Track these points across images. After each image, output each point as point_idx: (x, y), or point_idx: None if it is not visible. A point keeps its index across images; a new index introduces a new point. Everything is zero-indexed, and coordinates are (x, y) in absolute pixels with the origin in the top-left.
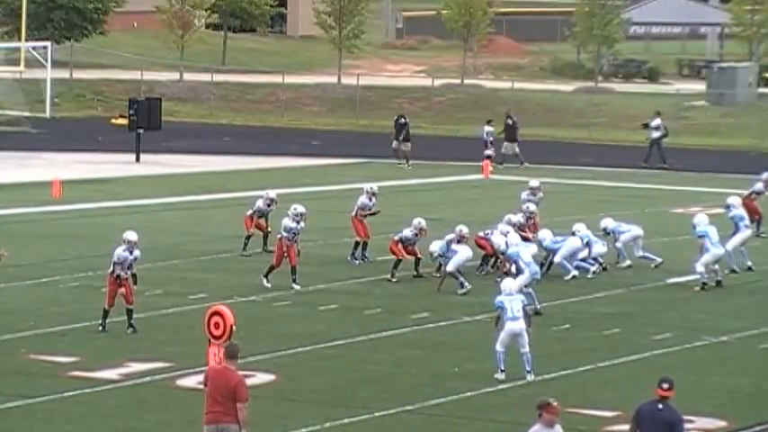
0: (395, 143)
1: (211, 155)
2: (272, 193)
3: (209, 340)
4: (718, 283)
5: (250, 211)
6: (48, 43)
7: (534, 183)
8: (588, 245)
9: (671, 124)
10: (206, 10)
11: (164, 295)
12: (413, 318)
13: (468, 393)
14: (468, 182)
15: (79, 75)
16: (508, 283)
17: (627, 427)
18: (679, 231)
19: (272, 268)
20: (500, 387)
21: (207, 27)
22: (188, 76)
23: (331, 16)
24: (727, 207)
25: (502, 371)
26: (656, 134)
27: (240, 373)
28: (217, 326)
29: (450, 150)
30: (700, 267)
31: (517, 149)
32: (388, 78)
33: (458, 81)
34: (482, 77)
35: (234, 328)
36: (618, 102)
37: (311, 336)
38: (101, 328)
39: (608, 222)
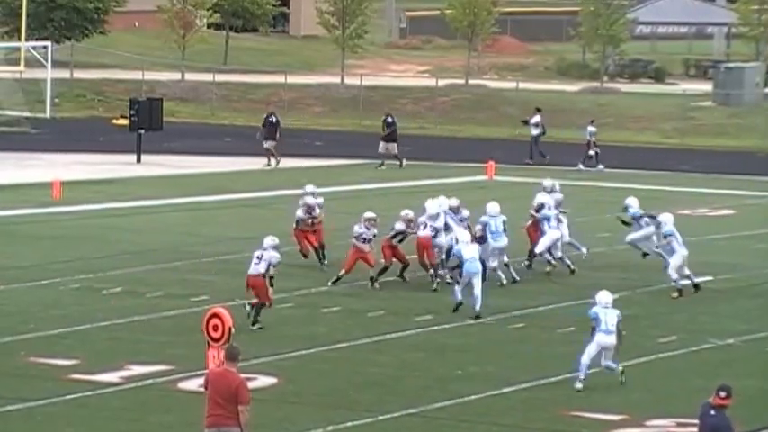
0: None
1: (213, 156)
2: (310, 200)
3: (208, 343)
4: (696, 286)
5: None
6: (48, 43)
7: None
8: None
9: (678, 125)
10: (208, 9)
11: (165, 297)
12: (416, 320)
13: (472, 396)
14: (473, 183)
15: (80, 75)
16: (604, 296)
17: (632, 430)
18: (686, 233)
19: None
20: (504, 390)
21: (209, 27)
22: (189, 77)
23: (334, 16)
24: (625, 208)
25: (581, 380)
26: (535, 131)
27: (241, 375)
28: (215, 328)
29: (454, 151)
30: (673, 273)
31: (394, 150)
32: (391, 78)
33: (462, 81)
34: (486, 78)
35: (233, 330)
36: (624, 102)
37: (314, 338)
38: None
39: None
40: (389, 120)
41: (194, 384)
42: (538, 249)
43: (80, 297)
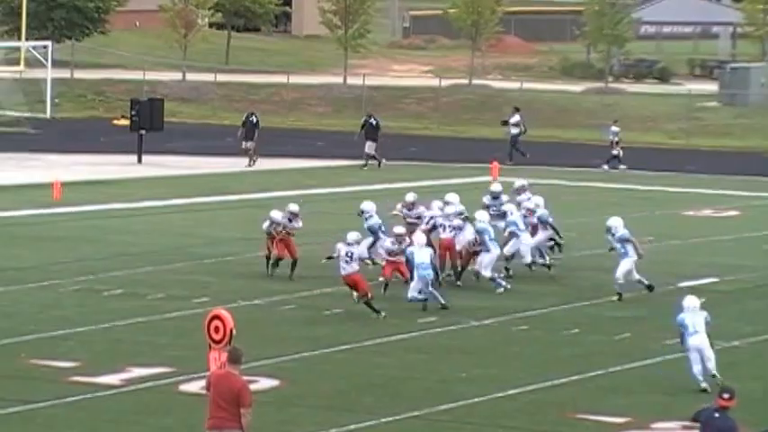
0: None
1: (215, 156)
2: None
3: (210, 345)
4: (650, 287)
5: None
6: (48, 43)
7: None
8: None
9: (683, 125)
10: (209, 9)
11: (166, 299)
12: (420, 322)
13: (477, 399)
14: (477, 184)
15: (80, 75)
16: (691, 300)
17: None
18: (690, 234)
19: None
20: (509, 393)
21: (210, 26)
22: (191, 76)
23: (336, 15)
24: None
25: (703, 387)
26: (514, 131)
27: (244, 377)
28: (217, 330)
29: (457, 152)
30: (620, 278)
31: (374, 151)
32: (394, 78)
33: (466, 81)
34: (490, 77)
35: (234, 332)
36: (628, 102)
37: (316, 340)
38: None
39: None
40: (372, 121)
41: (195, 387)
42: (525, 260)
43: (80, 299)
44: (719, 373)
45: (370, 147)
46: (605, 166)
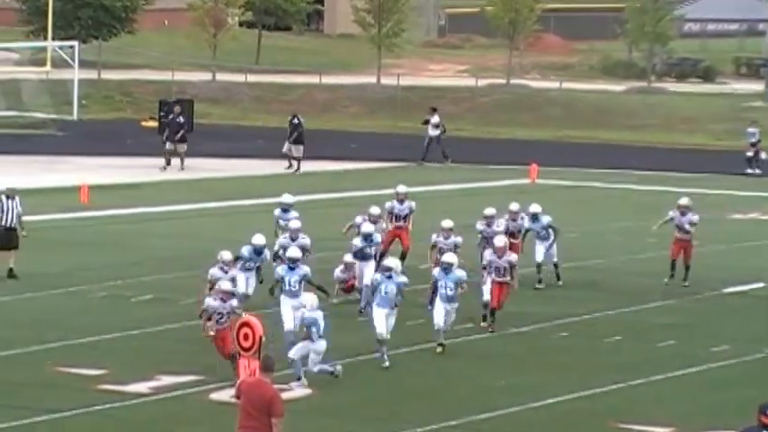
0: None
1: (245, 158)
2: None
3: (239, 352)
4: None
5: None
6: (75, 42)
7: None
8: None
9: (728, 126)
10: (240, 7)
11: (196, 305)
12: (456, 328)
13: (515, 408)
14: (515, 186)
15: (107, 75)
16: None
17: None
18: (736, 238)
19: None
20: (548, 402)
21: (240, 25)
22: (221, 77)
23: (370, 13)
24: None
25: None
26: (434, 132)
27: (276, 386)
28: (246, 337)
29: (495, 153)
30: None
31: (298, 152)
32: (429, 78)
33: (503, 81)
34: (528, 77)
35: (263, 339)
36: (672, 102)
37: (350, 347)
38: None
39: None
40: (295, 121)
41: (226, 395)
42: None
43: (108, 305)
44: (763, 384)
45: (296, 150)
46: (749, 170)
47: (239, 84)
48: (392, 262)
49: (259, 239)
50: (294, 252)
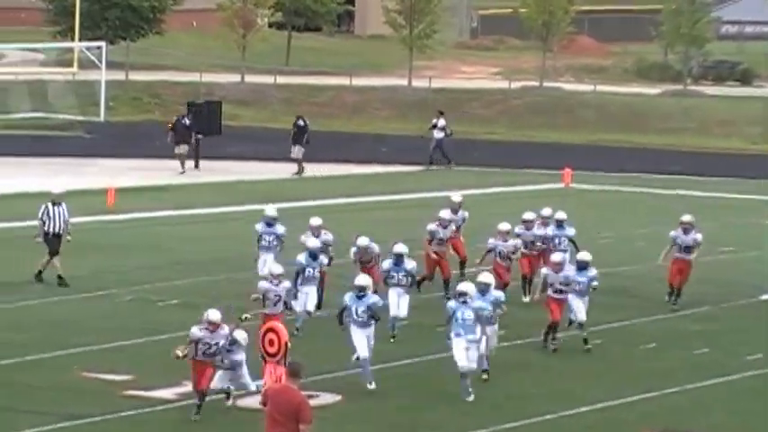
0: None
1: (275, 161)
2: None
3: (264, 358)
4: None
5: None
6: (102, 43)
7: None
8: None
9: (764, 129)
10: (269, 8)
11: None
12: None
13: (547, 416)
14: (548, 191)
15: (135, 76)
16: None
17: None
18: None
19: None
20: (580, 410)
21: (270, 26)
22: (250, 78)
23: (401, 14)
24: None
25: None
26: (439, 135)
27: (303, 393)
28: (272, 343)
29: (528, 157)
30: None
31: (300, 155)
32: (461, 80)
33: (536, 83)
34: (562, 80)
35: (288, 345)
36: (708, 106)
37: (379, 354)
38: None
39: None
40: (300, 122)
41: (252, 401)
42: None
43: (135, 309)
44: None
45: (298, 151)
46: None
47: (268, 85)
48: (466, 287)
49: (314, 243)
50: (363, 280)
